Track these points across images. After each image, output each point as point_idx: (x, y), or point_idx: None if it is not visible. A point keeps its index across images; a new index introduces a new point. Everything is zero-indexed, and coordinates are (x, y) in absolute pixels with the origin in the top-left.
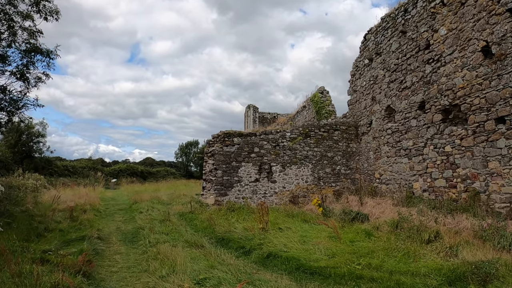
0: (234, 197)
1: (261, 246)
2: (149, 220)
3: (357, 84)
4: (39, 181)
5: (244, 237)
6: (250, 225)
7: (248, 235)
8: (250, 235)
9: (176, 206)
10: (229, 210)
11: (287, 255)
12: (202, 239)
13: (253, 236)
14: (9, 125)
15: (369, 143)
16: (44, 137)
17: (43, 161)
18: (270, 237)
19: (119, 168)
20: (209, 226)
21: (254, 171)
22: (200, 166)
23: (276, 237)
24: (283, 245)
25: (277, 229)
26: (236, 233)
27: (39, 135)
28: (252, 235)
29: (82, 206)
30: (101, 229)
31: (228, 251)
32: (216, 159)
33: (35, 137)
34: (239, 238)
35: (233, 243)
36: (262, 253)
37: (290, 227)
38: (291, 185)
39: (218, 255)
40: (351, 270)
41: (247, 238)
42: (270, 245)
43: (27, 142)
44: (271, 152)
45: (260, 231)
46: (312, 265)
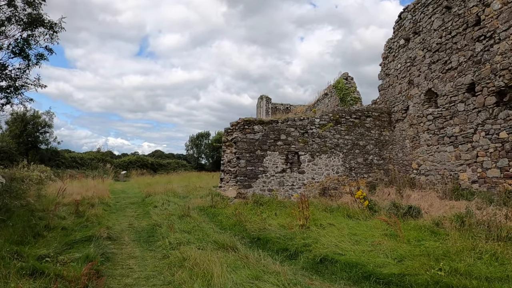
0: (258, 189)
1: (308, 248)
2: (166, 216)
3: (390, 67)
4: (44, 172)
5: (282, 236)
6: (286, 222)
7: (287, 233)
8: (289, 234)
9: (194, 199)
10: (256, 204)
11: (345, 259)
12: (233, 239)
13: (294, 235)
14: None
15: (404, 131)
16: (50, 127)
17: (49, 152)
18: (313, 235)
19: (129, 160)
20: (238, 223)
21: (280, 161)
22: (211, 158)
23: (322, 235)
24: (334, 246)
25: (319, 226)
26: (272, 232)
27: (45, 125)
28: (291, 233)
29: (89, 199)
30: (111, 227)
31: (268, 254)
32: (239, 148)
33: (41, 127)
34: (277, 238)
35: (271, 244)
36: (313, 257)
37: (332, 224)
38: (321, 176)
39: (257, 260)
40: (434, 277)
41: (286, 238)
42: (319, 247)
43: (33, 132)
44: (299, 140)
45: (300, 229)
46: (382, 272)
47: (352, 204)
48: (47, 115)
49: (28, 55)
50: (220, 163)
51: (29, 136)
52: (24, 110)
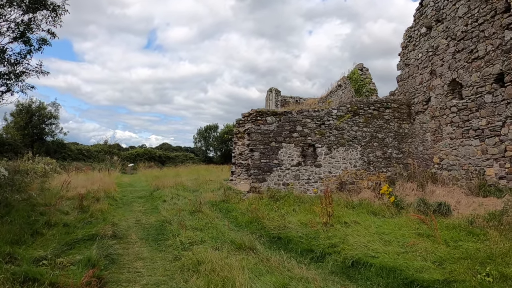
0: (273, 183)
1: (335, 249)
2: (176, 211)
3: (410, 57)
4: (50, 165)
5: (305, 235)
6: (307, 219)
7: (309, 232)
8: (312, 233)
9: (205, 193)
10: (272, 199)
11: (379, 262)
12: (251, 239)
13: (317, 234)
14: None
15: (425, 124)
16: (56, 118)
17: (55, 144)
18: (339, 234)
19: (136, 152)
20: (255, 220)
21: (296, 153)
22: (220, 151)
23: (348, 234)
24: (363, 247)
25: (343, 223)
26: (293, 230)
27: (51, 116)
28: (314, 232)
29: (94, 193)
30: (117, 223)
31: (292, 256)
32: (252, 139)
33: (47, 119)
34: (299, 237)
35: (294, 244)
36: (343, 260)
37: (357, 221)
38: (338, 170)
39: (280, 262)
40: (483, 284)
41: (309, 237)
42: (347, 248)
43: (38, 124)
44: (315, 132)
45: (323, 227)
46: (423, 278)
47: (373, 199)
48: (52, 107)
49: (29, 39)
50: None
51: (35, 128)
52: (29, 101)
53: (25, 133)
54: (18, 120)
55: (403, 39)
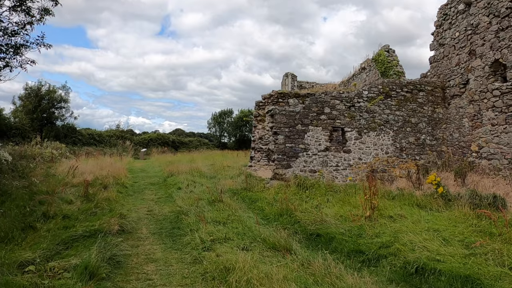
0: (298, 170)
1: (388, 250)
2: (192, 201)
3: (445, 36)
4: (59, 150)
5: (347, 231)
6: (345, 211)
7: (351, 228)
8: (355, 228)
9: (224, 180)
10: (300, 188)
11: (448, 268)
12: (284, 235)
13: (361, 230)
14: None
15: (462, 108)
16: (66, 102)
17: (65, 128)
18: (387, 231)
19: (149, 137)
20: (286, 212)
21: (324, 137)
22: (234, 136)
23: (398, 231)
24: (422, 248)
25: (387, 217)
26: (333, 225)
27: (61, 100)
28: (358, 228)
29: (103, 179)
30: (126, 215)
31: (337, 259)
32: (276, 121)
33: (57, 103)
34: (341, 234)
35: (337, 243)
36: (402, 265)
37: (403, 215)
38: (369, 157)
39: (326, 268)
40: None
41: (353, 234)
42: (403, 248)
43: (48, 107)
44: (344, 114)
45: (366, 222)
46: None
47: (411, 189)
48: (63, 90)
49: (30, 8)
50: (243, 141)
51: (44, 112)
52: (38, 84)
53: (33, 117)
54: (26, 104)
55: (437, 17)
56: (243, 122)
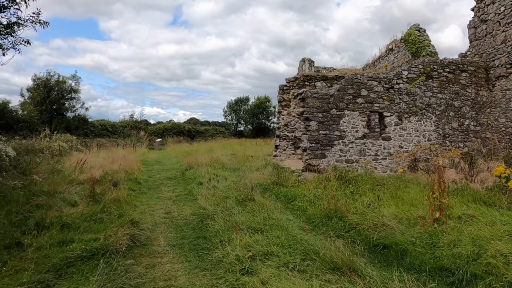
0: (334, 160)
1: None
2: (218, 199)
3: (488, 12)
4: (69, 142)
5: (417, 238)
6: (403, 212)
7: (421, 235)
8: (425, 236)
9: (250, 173)
10: (341, 181)
11: None
12: (343, 249)
13: (433, 238)
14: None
15: (509, 91)
16: (77, 92)
17: (76, 120)
18: (464, 239)
19: (164, 127)
20: (334, 214)
21: (361, 123)
22: (251, 124)
23: (477, 238)
24: None
25: (455, 218)
26: (397, 231)
27: (71, 90)
28: (428, 234)
29: (113, 175)
30: (138, 220)
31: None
32: (308, 105)
33: (67, 93)
34: (411, 243)
35: (412, 257)
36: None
37: (473, 215)
38: (410, 144)
39: None
40: None
41: (426, 243)
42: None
43: (57, 99)
44: (383, 97)
45: (435, 225)
46: None
47: (461, 181)
48: (73, 80)
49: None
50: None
51: (53, 103)
52: (47, 75)
53: (42, 109)
54: (35, 96)
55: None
56: (260, 110)
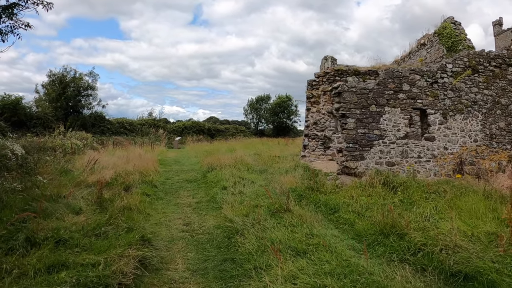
0: (373, 162)
1: None
2: (247, 209)
3: None
4: (84, 140)
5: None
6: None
7: (503, 259)
8: (507, 260)
9: (279, 176)
10: (387, 187)
11: None
12: (412, 280)
13: None
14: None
15: None
16: (94, 89)
17: (92, 117)
18: None
19: (184, 125)
20: (390, 229)
21: (403, 121)
22: (272, 123)
23: None
24: None
25: None
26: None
27: (88, 87)
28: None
29: (126, 177)
30: (151, 236)
31: None
32: (345, 101)
33: (84, 90)
34: (496, 271)
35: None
36: None
37: None
38: (455, 146)
39: None
40: None
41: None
42: None
43: (73, 95)
44: (426, 93)
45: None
46: None
47: None
48: (90, 77)
49: None
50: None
51: (69, 100)
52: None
53: (57, 106)
54: (50, 92)
55: None
56: (281, 109)
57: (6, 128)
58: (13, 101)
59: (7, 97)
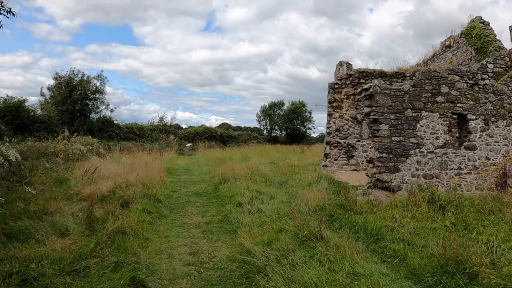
0: (409, 175)
1: None
2: (268, 235)
3: None
4: (89, 145)
5: None
6: None
7: None
8: None
9: (301, 189)
10: (434, 206)
11: None
12: None
13: None
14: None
15: None
16: (102, 93)
17: (100, 121)
18: None
19: (195, 131)
20: (453, 265)
21: (442, 128)
22: (285, 130)
23: None
24: None
25: None
26: None
27: (95, 90)
28: None
29: (126, 189)
30: (143, 278)
31: None
32: (378, 104)
33: (91, 93)
34: None
35: None
36: None
37: None
38: (498, 155)
39: None
40: None
41: None
42: None
43: (80, 99)
44: (466, 95)
45: None
46: None
47: None
48: (98, 80)
49: None
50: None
51: (75, 103)
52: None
53: (63, 109)
54: (55, 95)
55: None
56: (295, 115)
57: (6, 131)
58: (16, 103)
59: (9, 99)
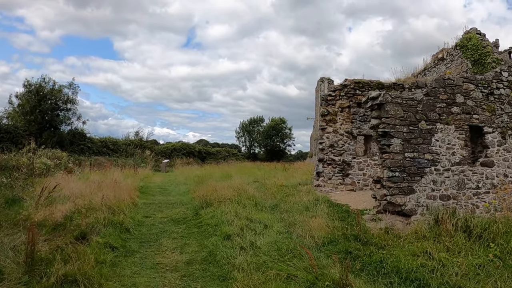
0: (425, 197)
1: None
2: (274, 283)
3: None
4: (56, 160)
5: None
6: None
7: None
8: None
9: (299, 215)
10: (466, 234)
11: None
12: None
13: None
14: None
15: None
16: (74, 103)
17: (71, 134)
18: None
19: (173, 146)
20: None
21: (458, 142)
22: (265, 147)
23: None
24: None
25: None
26: None
27: (67, 100)
28: None
29: (87, 214)
30: None
31: None
32: (388, 115)
33: (62, 103)
34: None
35: None
36: None
37: None
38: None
39: None
40: None
41: None
42: None
43: (50, 108)
44: (482, 106)
45: None
46: None
47: None
48: (69, 89)
49: None
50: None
51: (45, 113)
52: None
53: (31, 119)
54: (24, 103)
55: None
56: (275, 132)
57: None
58: None
59: None
